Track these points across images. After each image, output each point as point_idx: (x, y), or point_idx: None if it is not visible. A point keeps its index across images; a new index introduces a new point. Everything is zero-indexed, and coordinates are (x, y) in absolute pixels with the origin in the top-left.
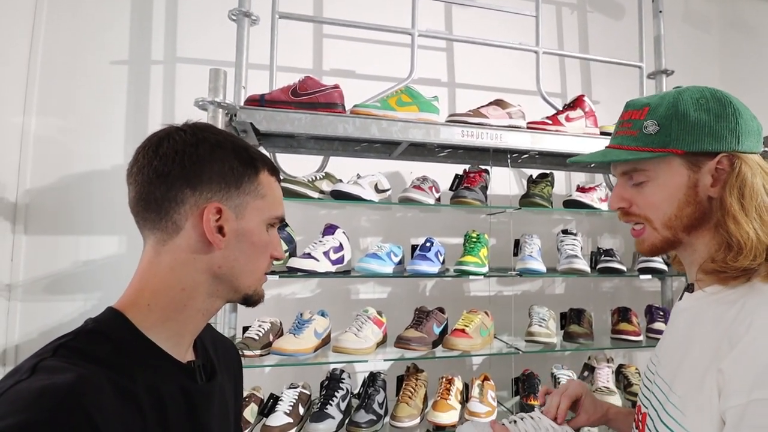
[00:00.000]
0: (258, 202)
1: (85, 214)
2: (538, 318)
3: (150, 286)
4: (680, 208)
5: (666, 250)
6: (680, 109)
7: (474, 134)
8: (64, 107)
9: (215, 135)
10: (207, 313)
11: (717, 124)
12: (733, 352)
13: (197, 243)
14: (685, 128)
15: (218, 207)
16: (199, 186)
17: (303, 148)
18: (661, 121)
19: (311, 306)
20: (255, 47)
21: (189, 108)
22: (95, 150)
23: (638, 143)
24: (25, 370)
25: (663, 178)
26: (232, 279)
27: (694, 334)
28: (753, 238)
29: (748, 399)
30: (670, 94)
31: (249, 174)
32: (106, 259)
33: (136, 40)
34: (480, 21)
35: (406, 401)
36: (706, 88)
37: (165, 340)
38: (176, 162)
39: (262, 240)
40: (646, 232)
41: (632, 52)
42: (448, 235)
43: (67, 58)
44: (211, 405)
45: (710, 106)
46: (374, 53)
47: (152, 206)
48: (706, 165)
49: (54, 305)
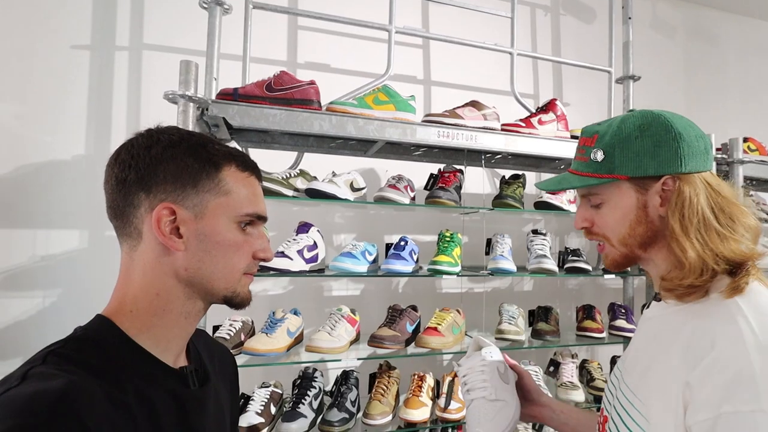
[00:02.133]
0: (221, 200)
1: (42, 207)
2: (507, 316)
3: (130, 293)
4: (632, 227)
5: (628, 265)
6: (623, 136)
7: (450, 135)
8: (20, 93)
9: (171, 135)
10: (190, 316)
11: (659, 149)
12: (700, 367)
13: (158, 246)
14: (627, 155)
15: (170, 207)
16: (153, 188)
17: (277, 143)
18: (606, 149)
19: (284, 303)
20: (227, 37)
21: (157, 98)
22: (54, 139)
23: (588, 169)
24: (16, 377)
25: (615, 200)
26: (202, 281)
27: (657, 344)
28: (693, 256)
29: (718, 413)
30: (615, 121)
31: (207, 171)
32: (66, 254)
33: (99, 23)
34: (456, 20)
35: (378, 399)
36: (649, 113)
37: (154, 345)
38: (132, 167)
39: (231, 239)
40: (607, 248)
41: (602, 57)
42: (422, 233)
43: (22, 39)
44: (205, 410)
45: (652, 131)
46: (350, 48)
47: (117, 214)
48: (653, 187)
49: (10, 302)
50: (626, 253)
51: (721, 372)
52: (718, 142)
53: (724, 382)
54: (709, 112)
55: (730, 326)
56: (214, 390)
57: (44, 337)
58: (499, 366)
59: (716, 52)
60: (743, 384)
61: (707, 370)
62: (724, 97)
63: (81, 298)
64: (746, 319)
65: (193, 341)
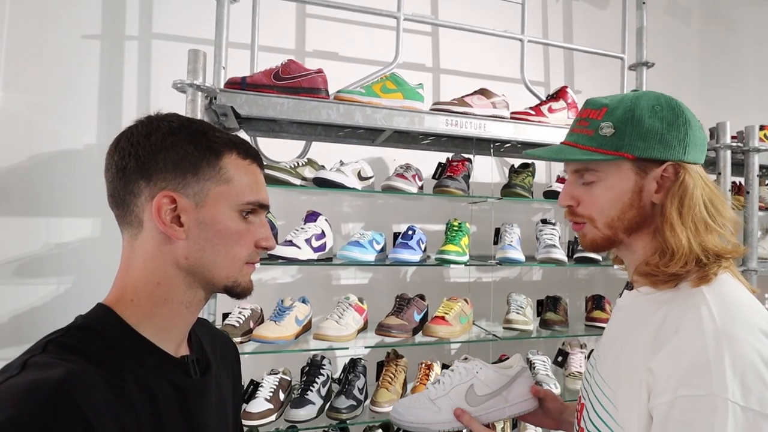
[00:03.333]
0: (222, 188)
1: (55, 195)
2: (515, 305)
3: (131, 282)
4: (623, 210)
5: (606, 248)
6: (636, 114)
7: (458, 123)
8: (33, 83)
9: (171, 123)
10: (191, 305)
11: (668, 133)
12: (661, 352)
13: (159, 235)
14: (638, 134)
15: (170, 196)
16: (153, 176)
17: (285, 132)
18: (616, 124)
19: (292, 291)
20: (235, 26)
21: (166, 87)
22: (65, 128)
23: (593, 143)
24: (15, 366)
25: (612, 180)
26: (203, 270)
27: (627, 332)
28: (685, 245)
29: (674, 396)
30: (628, 97)
31: (208, 158)
32: (79, 242)
33: (110, 14)
34: (466, 7)
35: (386, 387)
36: (662, 95)
37: (155, 334)
38: (131, 155)
39: (232, 228)
40: (586, 227)
41: (615, 43)
42: (430, 222)
43: (34, 30)
44: (206, 399)
45: (664, 114)
46: (358, 35)
47: (117, 202)
48: (653, 171)
49: (25, 288)
50: (609, 236)
51: (679, 358)
52: (734, 129)
53: (682, 367)
54: (725, 99)
55: (693, 314)
56: (215, 379)
57: (56, 324)
58: (475, 386)
59: (733, 37)
60: (698, 369)
61: (668, 355)
62: (741, 83)
63: (93, 285)
64: (708, 307)
65: (194, 330)
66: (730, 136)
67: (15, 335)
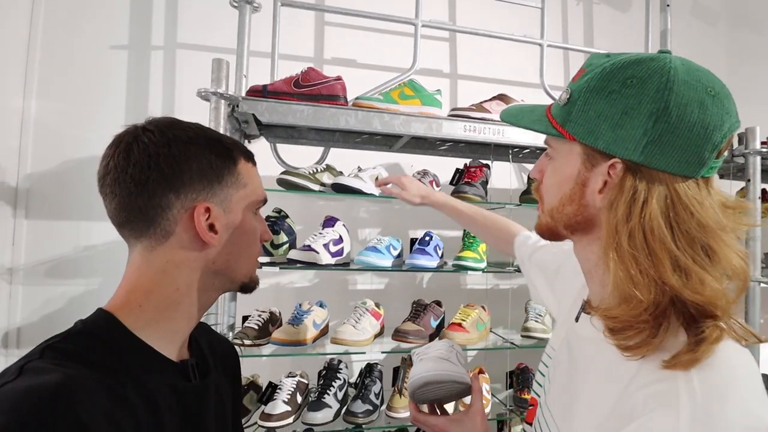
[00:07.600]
0: (241, 192)
1: (84, 200)
2: (534, 313)
3: (141, 288)
4: (562, 202)
5: (551, 238)
6: (597, 84)
7: (476, 129)
8: (64, 92)
9: (185, 131)
10: (203, 308)
11: (626, 119)
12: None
13: (191, 243)
14: (586, 111)
15: (207, 206)
16: (182, 188)
17: (304, 138)
18: (573, 93)
19: (309, 296)
20: (256, 35)
21: (190, 95)
22: (95, 135)
23: (553, 111)
24: (12, 372)
25: (559, 161)
26: (228, 271)
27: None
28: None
29: None
30: (622, 57)
31: (228, 166)
32: (106, 245)
33: (136, 25)
34: (484, 12)
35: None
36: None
37: (158, 339)
38: (152, 167)
39: (252, 227)
40: (539, 210)
41: (638, 46)
42: (447, 228)
43: (66, 41)
44: (206, 403)
45: (636, 92)
46: (376, 42)
47: (137, 215)
48: (601, 166)
49: (55, 289)
50: (551, 227)
51: None
52: (764, 135)
53: None
54: (754, 104)
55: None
56: (215, 383)
57: None
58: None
59: (762, 39)
60: None
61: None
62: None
63: None
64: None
65: (194, 334)
66: (759, 142)
67: (45, 335)
